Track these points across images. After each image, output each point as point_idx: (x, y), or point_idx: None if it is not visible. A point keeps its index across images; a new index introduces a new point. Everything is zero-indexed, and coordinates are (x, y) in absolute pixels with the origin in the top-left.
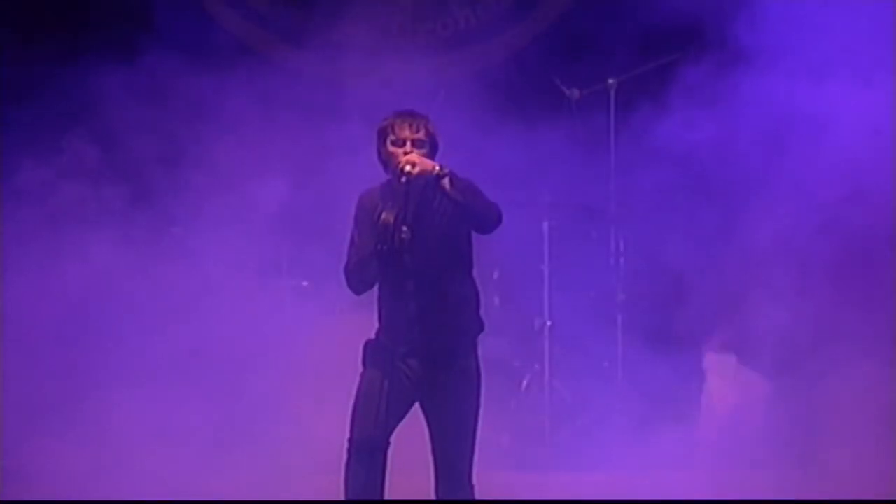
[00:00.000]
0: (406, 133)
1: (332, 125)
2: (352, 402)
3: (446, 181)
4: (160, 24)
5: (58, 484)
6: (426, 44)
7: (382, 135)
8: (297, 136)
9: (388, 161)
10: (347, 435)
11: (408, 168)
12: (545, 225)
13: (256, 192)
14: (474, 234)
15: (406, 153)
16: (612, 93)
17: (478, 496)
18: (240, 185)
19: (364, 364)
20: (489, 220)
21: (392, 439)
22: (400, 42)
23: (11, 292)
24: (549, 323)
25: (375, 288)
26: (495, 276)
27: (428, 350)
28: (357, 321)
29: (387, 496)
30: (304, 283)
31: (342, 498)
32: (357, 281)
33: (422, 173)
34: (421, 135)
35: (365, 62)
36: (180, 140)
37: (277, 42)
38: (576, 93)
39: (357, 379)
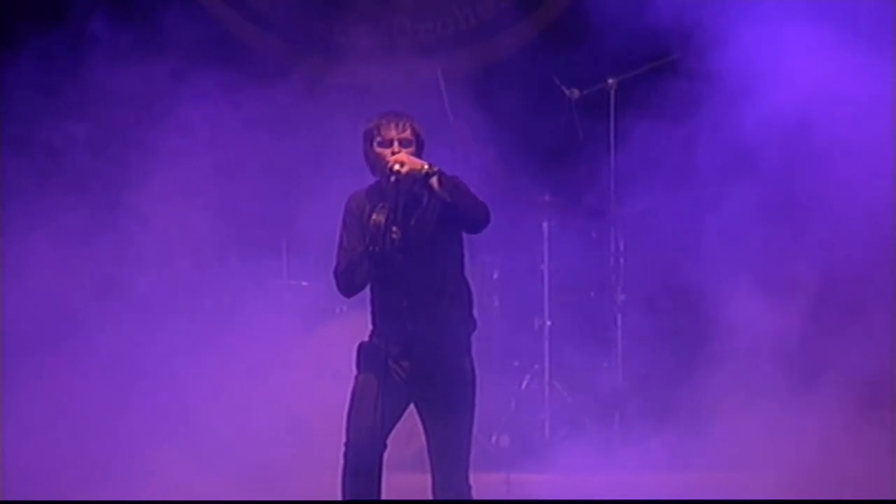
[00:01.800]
0: (392, 133)
1: (331, 125)
2: (346, 405)
3: (434, 180)
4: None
5: (58, 484)
6: (426, 44)
7: (368, 137)
8: (295, 135)
9: (375, 163)
10: (344, 439)
11: (397, 167)
12: (545, 225)
13: (255, 193)
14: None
15: (394, 153)
16: (612, 93)
17: (477, 496)
18: (239, 184)
19: (358, 367)
20: (477, 219)
21: (389, 441)
22: (400, 42)
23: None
24: (549, 323)
25: (367, 290)
26: (495, 276)
27: (421, 350)
28: (356, 321)
29: (386, 496)
30: (304, 283)
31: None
32: (346, 283)
33: (411, 172)
34: (407, 134)
35: (364, 62)
36: (178, 140)
37: (276, 42)
38: (576, 93)
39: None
